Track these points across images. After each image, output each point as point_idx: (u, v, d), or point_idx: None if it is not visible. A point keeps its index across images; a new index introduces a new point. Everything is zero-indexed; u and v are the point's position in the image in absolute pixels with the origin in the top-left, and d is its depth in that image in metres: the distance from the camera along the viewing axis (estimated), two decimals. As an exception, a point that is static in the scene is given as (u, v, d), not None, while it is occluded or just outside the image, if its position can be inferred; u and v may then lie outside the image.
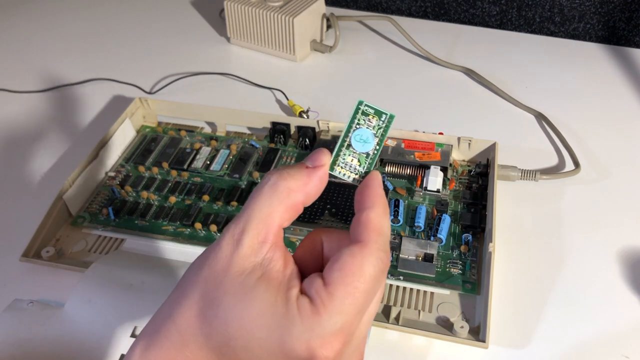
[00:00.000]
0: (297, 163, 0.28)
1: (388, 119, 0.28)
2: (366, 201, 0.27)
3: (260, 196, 0.26)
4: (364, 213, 0.26)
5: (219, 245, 0.26)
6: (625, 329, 0.44)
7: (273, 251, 0.26)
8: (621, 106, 0.66)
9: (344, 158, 0.28)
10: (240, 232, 0.25)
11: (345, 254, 0.25)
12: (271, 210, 0.26)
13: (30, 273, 0.49)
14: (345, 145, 0.28)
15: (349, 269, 0.25)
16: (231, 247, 0.25)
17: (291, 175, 0.26)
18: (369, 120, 0.28)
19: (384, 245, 0.26)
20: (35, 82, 0.73)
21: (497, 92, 0.69)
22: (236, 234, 0.25)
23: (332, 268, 0.25)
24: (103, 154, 0.56)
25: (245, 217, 0.26)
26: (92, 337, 0.41)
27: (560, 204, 0.54)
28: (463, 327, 0.42)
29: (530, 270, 0.48)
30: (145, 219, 0.52)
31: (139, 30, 0.83)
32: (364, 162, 0.28)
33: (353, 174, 0.28)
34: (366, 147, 0.28)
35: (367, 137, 0.28)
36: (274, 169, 0.27)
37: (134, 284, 0.44)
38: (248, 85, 0.71)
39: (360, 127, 0.28)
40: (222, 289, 0.25)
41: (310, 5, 0.73)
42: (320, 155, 0.27)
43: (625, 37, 0.79)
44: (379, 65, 0.75)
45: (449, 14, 0.85)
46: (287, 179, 0.26)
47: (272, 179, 0.26)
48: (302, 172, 0.27)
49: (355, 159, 0.28)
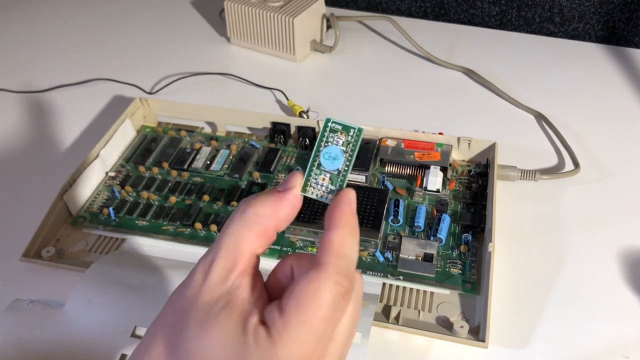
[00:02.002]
0: (271, 189, 0.28)
1: (357, 132, 0.27)
2: (331, 222, 0.26)
3: (230, 224, 0.26)
4: (326, 235, 0.26)
5: (192, 275, 0.26)
6: (625, 329, 0.44)
7: (241, 278, 0.25)
8: (621, 106, 0.66)
9: (316, 178, 0.27)
10: (210, 262, 0.25)
11: (301, 280, 0.24)
12: (240, 237, 0.26)
13: (30, 273, 0.49)
14: (316, 165, 0.27)
15: (304, 296, 0.24)
16: (202, 276, 0.25)
17: (260, 201, 0.26)
18: (338, 136, 0.27)
19: (345, 269, 0.25)
20: (35, 82, 0.73)
21: (497, 92, 0.69)
22: (207, 263, 0.25)
23: (288, 295, 0.24)
24: (103, 154, 0.56)
25: (216, 247, 0.26)
26: (92, 337, 0.41)
27: (560, 204, 0.54)
28: (463, 327, 0.42)
29: (530, 270, 0.48)
30: (145, 219, 0.52)
31: (139, 30, 0.83)
32: (336, 180, 0.27)
33: (326, 193, 0.27)
34: (336, 164, 0.27)
35: (335, 154, 0.27)
36: (246, 197, 0.27)
37: (134, 284, 0.44)
38: (248, 85, 0.71)
39: (328, 144, 0.27)
40: (188, 319, 0.24)
41: (310, 5, 0.73)
42: (291, 178, 0.27)
43: (625, 37, 0.79)
44: (379, 65, 0.75)
45: (449, 14, 0.85)
46: (255, 205, 0.26)
47: (241, 207, 0.26)
48: (271, 198, 0.26)
49: (326, 178, 0.27)
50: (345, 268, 0.25)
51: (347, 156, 0.27)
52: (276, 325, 0.23)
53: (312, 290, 0.24)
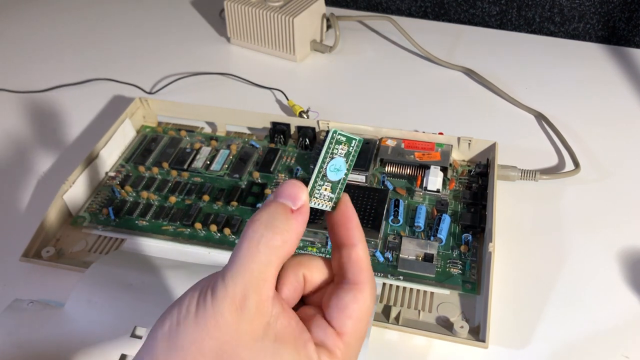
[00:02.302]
0: (277, 204, 0.26)
1: (357, 144, 0.28)
2: (351, 236, 0.27)
3: (258, 255, 0.24)
4: (354, 251, 0.27)
5: (220, 314, 0.24)
6: (625, 329, 0.44)
7: (276, 307, 0.25)
8: (621, 106, 0.66)
9: (319, 189, 0.27)
10: (243, 297, 0.24)
11: (349, 301, 0.26)
12: (270, 268, 0.25)
13: (30, 273, 0.49)
14: (321, 177, 0.27)
15: (358, 316, 0.26)
16: (235, 314, 0.24)
17: (284, 228, 0.25)
18: (341, 148, 0.28)
19: (374, 281, 0.27)
20: (35, 82, 0.73)
21: (497, 92, 0.69)
22: (237, 299, 0.24)
23: (342, 316, 0.26)
24: (103, 154, 0.56)
25: (244, 281, 0.24)
26: (92, 337, 0.41)
27: (560, 204, 0.54)
28: (463, 327, 0.42)
29: (530, 270, 0.48)
30: (145, 219, 0.52)
31: (139, 30, 0.83)
32: (336, 189, 0.28)
33: (326, 201, 0.28)
34: (339, 175, 0.28)
35: (340, 165, 0.28)
36: (259, 220, 0.25)
37: (134, 284, 0.44)
38: (248, 85, 0.71)
39: (334, 156, 0.27)
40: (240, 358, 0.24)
41: (310, 5, 0.73)
42: (298, 192, 0.26)
43: (625, 37, 0.79)
44: (379, 65, 0.75)
45: (449, 14, 0.85)
46: (282, 232, 0.25)
47: (265, 235, 0.25)
48: (291, 221, 0.25)
49: (328, 188, 0.27)
50: (374, 280, 0.27)
51: (347, 166, 0.28)
52: (339, 347, 0.26)
53: (363, 309, 0.26)
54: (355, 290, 0.26)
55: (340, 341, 0.26)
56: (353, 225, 0.27)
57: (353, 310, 0.26)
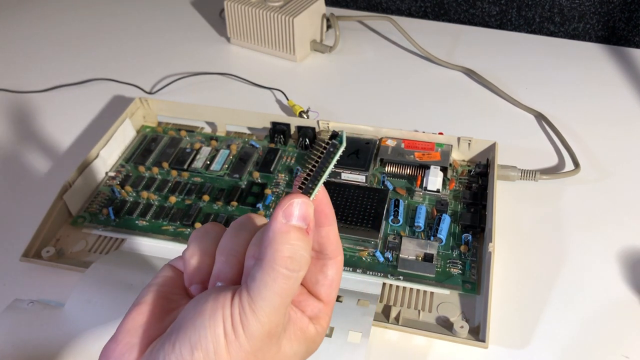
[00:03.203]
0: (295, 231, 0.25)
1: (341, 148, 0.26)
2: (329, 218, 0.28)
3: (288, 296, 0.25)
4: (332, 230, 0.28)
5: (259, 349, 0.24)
6: (625, 329, 0.44)
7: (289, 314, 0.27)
8: (621, 106, 0.66)
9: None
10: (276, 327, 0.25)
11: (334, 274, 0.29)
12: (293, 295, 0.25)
13: (30, 273, 0.49)
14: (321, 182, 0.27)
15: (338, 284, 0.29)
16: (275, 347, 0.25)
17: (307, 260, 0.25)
18: None
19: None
20: (35, 82, 0.73)
21: (497, 92, 0.69)
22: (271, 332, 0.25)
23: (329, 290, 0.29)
24: (103, 154, 0.56)
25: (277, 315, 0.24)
26: (92, 337, 0.41)
27: (560, 204, 0.54)
28: (463, 327, 0.42)
29: (530, 270, 0.48)
30: (145, 219, 0.52)
31: (139, 30, 0.83)
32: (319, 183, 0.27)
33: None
34: None
35: None
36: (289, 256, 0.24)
37: (134, 284, 0.44)
38: (248, 85, 0.71)
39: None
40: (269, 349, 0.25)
41: (310, 5, 0.73)
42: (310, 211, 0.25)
43: (625, 37, 0.79)
44: (379, 65, 0.75)
45: (449, 14, 0.85)
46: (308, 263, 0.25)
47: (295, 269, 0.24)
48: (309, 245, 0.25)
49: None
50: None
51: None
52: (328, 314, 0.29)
53: (340, 278, 0.29)
54: (336, 264, 0.29)
55: (328, 308, 0.29)
56: (330, 208, 0.28)
57: (334, 280, 0.29)
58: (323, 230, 0.28)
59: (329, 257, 0.28)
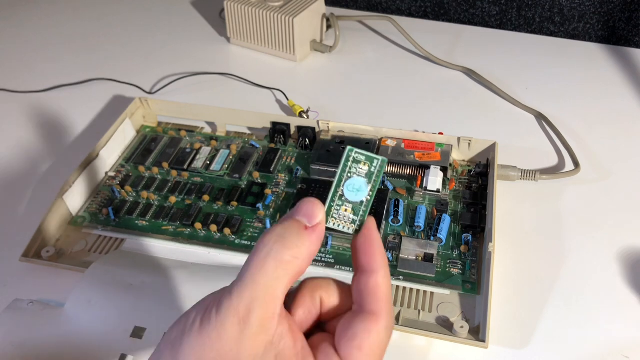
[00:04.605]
0: (293, 220, 0.25)
1: (380, 163, 0.26)
2: (372, 262, 0.25)
3: (266, 269, 0.24)
4: (372, 278, 0.25)
5: (222, 327, 0.23)
6: (625, 329, 0.44)
7: (281, 325, 0.24)
8: (621, 106, 0.66)
9: (338, 209, 0.26)
10: (247, 311, 0.23)
11: (360, 330, 0.24)
12: (278, 283, 0.24)
13: (30, 273, 0.49)
14: (338, 196, 0.26)
15: (368, 347, 0.24)
16: (237, 327, 0.23)
17: (295, 243, 0.24)
18: (361, 167, 0.26)
19: (393, 313, 0.26)
20: (35, 82, 0.73)
21: (497, 92, 0.69)
22: (241, 312, 0.23)
23: (350, 346, 0.24)
24: (103, 154, 0.56)
25: (250, 294, 0.23)
26: (92, 337, 0.41)
27: (560, 204, 0.54)
28: (463, 327, 0.42)
29: (530, 270, 0.48)
30: (145, 219, 0.52)
31: (139, 30, 0.83)
32: (359, 211, 0.26)
33: (348, 223, 0.26)
34: (360, 196, 0.26)
35: (359, 185, 0.26)
36: (270, 233, 0.24)
37: (134, 284, 0.44)
38: (248, 85, 0.71)
39: (351, 176, 0.26)
40: None
41: (310, 5, 0.73)
42: (315, 210, 0.26)
43: (625, 37, 0.79)
44: (379, 65, 0.75)
45: (449, 14, 0.85)
46: (292, 248, 0.24)
47: (274, 249, 0.24)
48: (303, 237, 0.25)
49: (349, 209, 0.26)
50: (392, 311, 0.25)
51: (371, 187, 0.26)
52: None
53: (375, 341, 0.24)
54: (369, 321, 0.25)
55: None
56: (374, 250, 0.25)
57: (363, 340, 0.24)
58: (364, 277, 0.25)
59: (365, 311, 0.25)
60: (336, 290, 0.26)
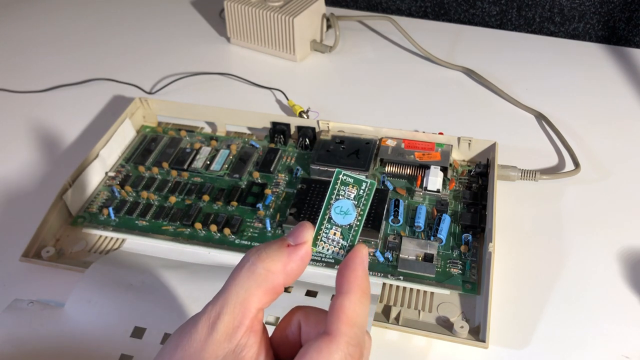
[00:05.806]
0: (279, 239, 0.26)
1: (369, 186, 0.26)
2: (343, 284, 0.25)
3: (238, 279, 0.25)
4: (338, 299, 0.25)
5: (195, 327, 0.24)
6: (625, 329, 0.44)
7: (247, 337, 0.24)
8: (621, 106, 0.66)
9: (327, 233, 0.26)
10: (216, 316, 0.24)
11: (311, 349, 0.23)
12: (248, 294, 0.24)
13: (30, 273, 0.49)
14: (327, 219, 0.26)
15: None
16: (206, 330, 0.24)
17: (270, 256, 0.25)
18: (349, 190, 0.26)
19: (356, 339, 0.24)
20: (35, 82, 0.73)
21: (497, 92, 0.69)
22: (212, 316, 0.24)
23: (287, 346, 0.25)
24: (103, 154, 0.56)
25: (222, 300, 0.25)
26: (92, 337, 0.41)
27: (560, 204, 0.54)
28: (463, 327, 0.42)
29: (530, 271, 0.48)
30: (145, 219, 0.52)
31: (139, 30, 0.83)
32: (348, 235, 0.26)
33: (337, 248, 0.26)
34: (347, 219, 0.26)
35: (347, 208, 0.26)
36: (254, 248, 0.26)
37: (134, 284, 0.44)
38: (248, 85, 0.71)
39: (340, 198, 0.26)
40: None
41: (310, 5, 0.73)
42: (302, 231, 0.26)
43: (625, 37, 0.79)
44: (379, 65, 0.75)
45: (449, 14, 0.85)
46: (265, 260, 0.25)
47: (250, 260, 0.25)
48: (282, 253, 0.25)
49: (337, 232, 0.26)
50: (356, 337, 0.24)
51: (359, 211, 0.26)
52: None
53: None
54: (322, 340, 0.24)
55: None
56: (349, 272, 0.25)
57: (311, 358, 0.23)
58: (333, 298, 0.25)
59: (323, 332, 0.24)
60: (316, 315, 0.27)
